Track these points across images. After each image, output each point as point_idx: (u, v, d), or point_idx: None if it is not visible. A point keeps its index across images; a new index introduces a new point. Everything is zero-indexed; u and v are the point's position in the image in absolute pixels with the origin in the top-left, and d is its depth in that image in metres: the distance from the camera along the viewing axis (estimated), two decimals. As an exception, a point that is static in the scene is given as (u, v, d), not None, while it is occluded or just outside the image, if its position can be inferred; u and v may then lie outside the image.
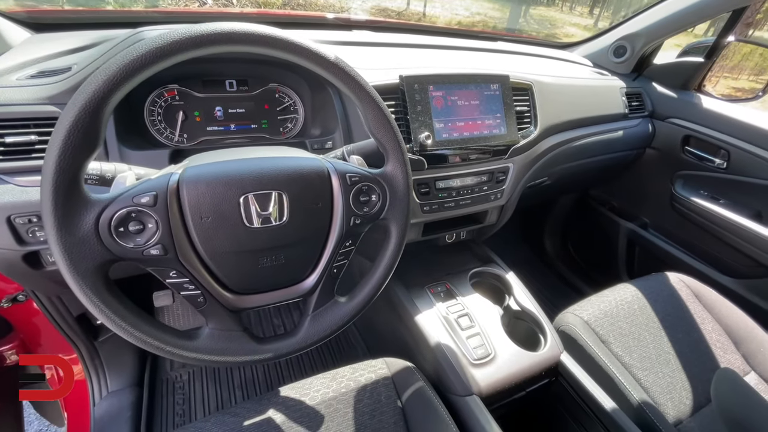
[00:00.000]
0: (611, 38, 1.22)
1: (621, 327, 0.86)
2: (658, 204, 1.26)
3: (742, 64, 1.32)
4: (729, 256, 1.12)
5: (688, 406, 0.76)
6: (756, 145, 1.02)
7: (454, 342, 0.76)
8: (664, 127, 1.20)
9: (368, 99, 0.47)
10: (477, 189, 0.84)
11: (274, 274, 0.47)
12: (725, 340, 0.89)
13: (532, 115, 0.89)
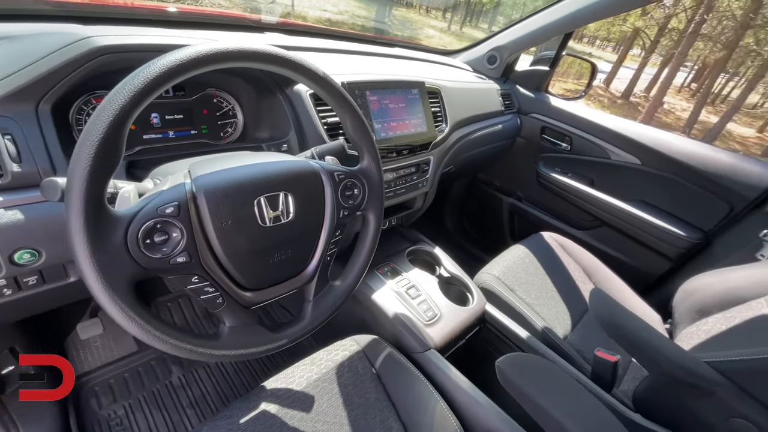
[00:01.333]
0: (485, 48, 1.49)
1: (520, 277, 1.12)
2: (528, 181, 1.61)
3: (568, 70, 1.79)
4: (577, 214, 1.51)
5: (570, 323, 1.05)
6: (587, 132, 1.41)
7: (407, 310, 0.90)
8: (528, 121, 1.53)
9: (348, 107, 0.56)
10: (408, 179, 0.98)
11: (284, 267, 0.52)
12: (584, 275, 1.23)
13: (443, 114, 1.08)
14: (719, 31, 12.56)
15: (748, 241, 1.12)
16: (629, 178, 1.35)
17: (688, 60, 16.51)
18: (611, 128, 1.36)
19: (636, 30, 14.64)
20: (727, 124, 12.06)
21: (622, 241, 1.41)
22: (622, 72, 16.62)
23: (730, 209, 1.18)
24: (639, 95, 15.86)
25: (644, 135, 1.31)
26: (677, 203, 1.28)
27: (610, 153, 1.38)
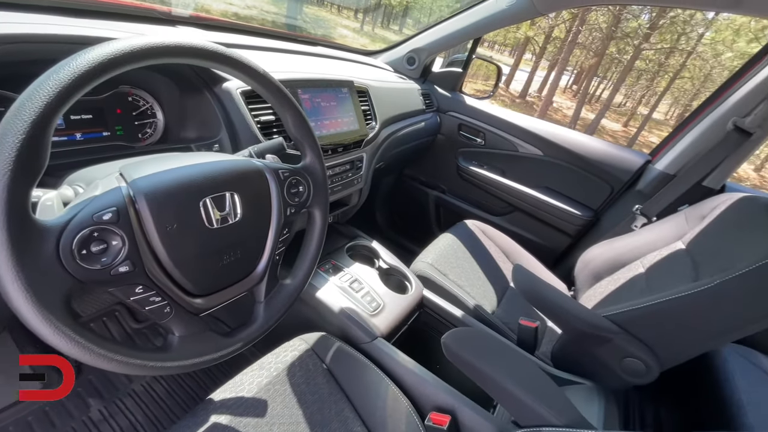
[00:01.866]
0: (404, 50, 1.57)
1: (451, 262, 1.21)
2: (450, 174, 1.74)
3: (477, 72, 1.98)
4: (494, 202, 1.68)
5: (496, 299, 1.17)
6: (498, 128, 1.57)
7: (352, 303, 0.92)
8: (446, 119, 1.65)
9: (290, 105, 0.56)
10: (344, 176, 1.00)
11: (234, 269, 0.51)
12: (503, 256, 1.38)
13: (372, 112, 1.11)
14: (591, 41, 14.71)
15: (625, 216, 1.36)
16: (534, 167, 1.55)
17: (569, 65, 19.00)
18: (517, 124, 1.54)
19: (527, 38, 16.43)
20: (601, 120, 14.23)
21: (531, 222, 1.60)
22: (518, 74, 18.54)
23: (612, 190, 1.42)
24: (533, 95, 17.87)
25: (544, 130, 1.51)
26: (573, 187, 1.50)
27: (517, 146, 1.56)
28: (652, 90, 18.33)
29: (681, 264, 0.94)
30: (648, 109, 17.92)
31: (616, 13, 11.78)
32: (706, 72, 14.84)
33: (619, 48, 14.32)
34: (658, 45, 13.21)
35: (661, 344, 0.81)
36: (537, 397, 0.61)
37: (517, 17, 1.32)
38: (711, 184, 1.25)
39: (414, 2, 20.01)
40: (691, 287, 0.76)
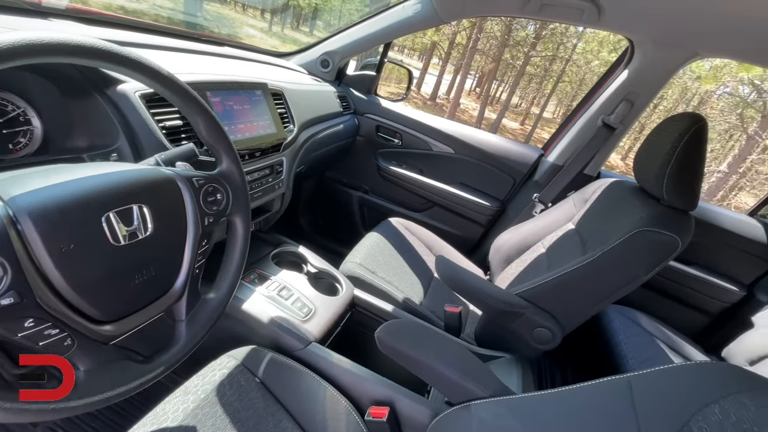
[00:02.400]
0: (317, 53, 1.56)
1: (378, 259, 1.25)
2: (372, 175, 1.78)
3: (390, 76, 2.04)
4: (414, 199, 1.76)
5: (422, 290, 1.24)
6: (413, 129, 1.65)
7: (282, 311, 0.90)
8: (364, 121, 1.69)
9: (200, 109, 0.53)
10: (264, 182, 0.97)
11: (147, 288, 0.47)
12: (426, 249, 1.46)
13: (290, 115, 1.09)
14: (488, 48, 16.17)
15: (527, 204, 1.54)
16: (448, 164, 1.66)
17: (472, 69, 20.64)
18: (430, 125, 1.64)
19: (433, 43, 17.45)
20: (502, 119, 15.72)
21: (449, 216, 1.71)
22: (428, 78, 19.61)
23: (514, 181, 1.59)
24: (442, 98, 19.05)
25: (454, 130, 1.62)
26: (482, 181, 1.64)
27: (431, 146, 1.65)
28: (541, 92, 20.82)
29: (572, 242, 1.10)
30: (539, 109, 20.29)
31: (507, 23, 13.11)
32: (581, 77, 17.31)
33: (513, 54, 15.96)
34: (542, 53, 15.04)
35: (562, 312, 0.94)
36: (465, 375, 0.67)
37: (422, 24, 1.40)
38: (590, 171, 1.47)
39: (323, 4, 19.90)
40: (580, 261, 0.90)
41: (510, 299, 0.96)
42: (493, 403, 0.62)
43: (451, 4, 1.27)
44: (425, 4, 1.32)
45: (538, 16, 1.22)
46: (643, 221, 0.86)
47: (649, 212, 0.89)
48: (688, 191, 0.88)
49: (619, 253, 0.86)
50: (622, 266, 0.87)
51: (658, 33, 1.17)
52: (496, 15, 1.43)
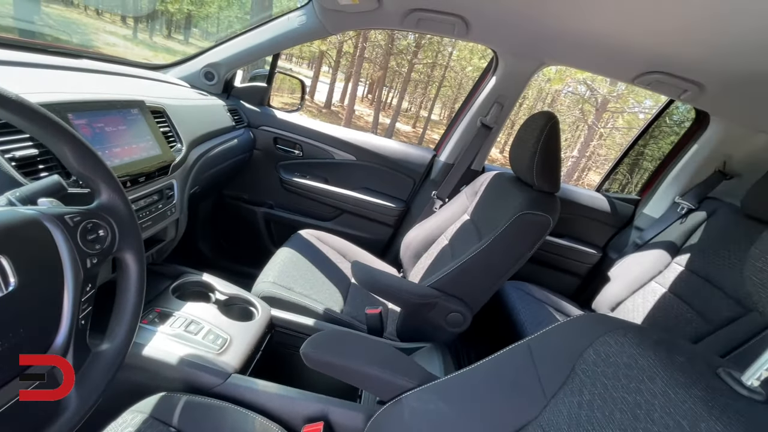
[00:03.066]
0: (199, 65, 1.46)
1: (293, 275, 1.22)
2: (275, 188, 1.73)
3: (282, 86, 1.98)
4: (322, 209, 1.76)
5: (341, 298, 1.25)
6: (312, 139, 1.65)
7: (193, 348, 0.82)
8: (260, 134, 1.63)
9: (64, 134, 0.46)
10: (153, 209, 0.87)
11: (17, 353, 0.39)
12: (340, 257, 1.47)
13: (175, 133, 1.00)
14: (375, 56, 16.88)
15: (428, 201, 1.66)
16: (351, 171, 1.70)
17: (362, 77, 21.30)
18: (330, 134, 1.65)
19: (322, 52, 17.54)
20: (395, 124, 16.55)
21: (358, 221, 1.75)
22: (320, 86, 19.62)
23: (414, 182, 1.70)
24: (337, 105, 19.26)
25: (353, 137, 1.67)
26: (385, 184, 1.72)
27: (333, 154, 1.67)
28: (426, 96, 22.51)
29: (469, 231, 1.22)
30: (427, 112, 21.90)
31: (390, 33, 13.85)
32: (459, 81, 19.19)
33: (398, 62, 16.93)
34: (423, 60, 16.27)
35: (468, 295, 1.04)
36: (392, 371, 0.70)
37: (309, 36, 1.41)
38: (476, 167, 1.65)
39: (198, 11, 18.42)
40: (476, 247, 1.01)
41: (423, 291, 1.02)
42: (421, 391, 0.66)
43: (336, 17, 1.30)
44: (310, 16, 1.33)
45: (416, 29, 1.33)
46: (522, 206, 1.01)
47: (525, 197, 1.04)
48: (552, 177, 1.05)
49: (507, 236, 0.99)
50: (511, 246, 1.00)
51: (514, 46, 1.38)
52: (378, 28, 1.51)
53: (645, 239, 1.58)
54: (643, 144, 2.10)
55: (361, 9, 1.23)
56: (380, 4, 1.20)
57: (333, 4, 1.21)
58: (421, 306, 1.04)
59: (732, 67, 1.04)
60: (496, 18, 1.19)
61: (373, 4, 1.19)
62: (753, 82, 1.09)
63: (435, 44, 15.52)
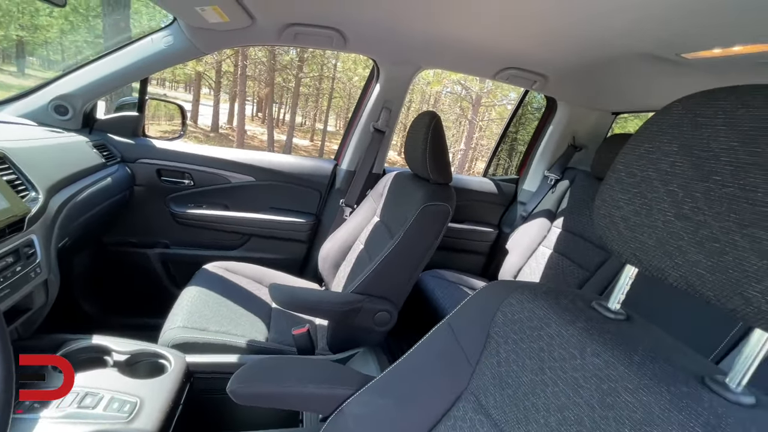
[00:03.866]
0: (45, 98, 1.25)
1: (205, 314, 1.12)
2: (167, 225, 1.56)
3: (157, 113, 1.79)
4: (227, 237, 1.64)
5: (264, 326, 1.18)
6: (203, 165, 1.54)
7: (93, 424, 0.70)
8: (139, 167, 1.46)
9: None
10: (9, 274, 0.72)
11: None
12: (255, 284, 1.39)
13: (25, 180, 0.84)
14: (258, 73, 16.35)
15: (337, 211, 1.67)
16: (253, 193, 1.62)
17: (248, 95, 20.43)
18: (222, 157, 1.56)
19: (198, 73, 16.35)
20: (292, 139, 16.24)
21: (269, 243, 1.68)
22: (203, 109, 18.26)
23: (320, 194, 1.70)
24: (225, 127, 18.12)
25: (248, 157, 1.60)
26: (292, 200, 1.68)
27: (229, 178, 1.58)
28: (319, 109, 22.58)
29: (381, 231, 1.27)
30: (323, 125, 21.97)
31: (270, 48, 13.56)
32: (348, 92, 19.68)
33: (284, 78, 16.66)
34: (310, 74, 16.30)
35: (390, 292, 1.08)
36: (328, 384, 0.69)
37: (179, 57, 1.32)
38: (377, 170, 1.72)
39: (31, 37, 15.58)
40: (390, 245, 1.05)
41: (347, 298, 1.03)
42: (359, 395, 0.67)
43: (207, 36, 1.24)
44: (178, 36, 1.25)
45: (294, 43, 1.33)
46: (423, 199, 1.08)
47: (425, 191, 1.12)
48: (443, 169, 1.15)
49: (415, 229, 1.06)
50: (420, 238, 1.07)
51: (391, 54, 1.47)
52: (255, 45, 1.48)
53: (528, 211, 1.82)
54: (514, 131, 2.42)
55: (233, 26, 1.20)
56: (254, 21, 1.18)
57: (202, 23, 1.15)
58: (347, 313, 1.05)
59: (563, 60, 1.28)
60: (370, 30, 1.27)
61: (245, 21, 1.17)
62: (580, 71, 1.34)
63: (319, 57, 15.68)
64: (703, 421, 0.35)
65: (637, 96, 1.51)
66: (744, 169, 0.33)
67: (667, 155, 0.39)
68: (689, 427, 0.35)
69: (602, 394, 0.42)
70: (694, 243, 0.36)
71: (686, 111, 0.39)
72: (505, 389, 0.53)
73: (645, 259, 0.41)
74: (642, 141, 0.42)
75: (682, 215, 0.37)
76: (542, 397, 0.48)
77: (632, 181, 0.42)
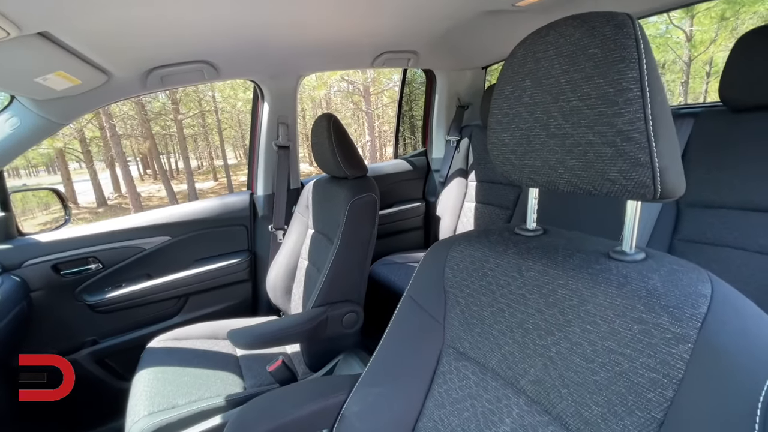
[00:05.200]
0: None
1: (168, 391, 1.04)
2: (88, 319, 1.38)
3: (29, 206, 1.54)
4: (162, 307, 1.51)
5: (237, 377, 1.13)
6: (110, 242, 1.39)
7: None
8: (28, 271, 1.26)
9: None
10: None
11: None
12: (210, 340, 1.31)
13: None
14: (131, 129, 14.85)
15: (269, 237, 1.63)
16: (174, 252, 1.51)
17: (128, 156, 18.49)
18: (125, 227, 1.42)
19: (59, 150, 14.34)
20: (194, 185, 15.12)
21: (209, 296, 1.58)
22: (78, 186, 16.12)
23: (246, 228, 1.64)
24: (113, 197, 16.24)
25: (157, 217, 1.48)
26: (219, 244, 1.59)
27: (143, 246, 1.45)
28: (212, 145, 21.26)
29: (320, 241, 1.28)
30: (221, 161, 20.78)
31: (136, 100, 12.38)
32: (237, 119, 18.81)
33: (162, 125, 15.37)
34: (189, 113, 15.24)
35: (349, 292, 1.11)
36: (322, 397, 0.70)
37: (33, 138, 1.16)
38: (294, 185, 1.71)
39: None
40: (332, 250, 1.07)
41: (310, 315, 1.03)
42: (354, 394, 0.69)
43: (61, 105, 1.11)
44: (24, 114, 1.10)
45: (162, 86, 1.26)
46: (348, 196, 1.12)
47: (347, 189, 1.15)
48: (356, 163, 1.19)
49: (350, 227, 1.09)
50: (358, 233, 1.11)
51: (268, 70, 1.46)
52: (120, 100, 1.36)
53: (444, 176, 1.96)
54: (408, 109, 2.56)
55: (88, 88, 1.09)
56: (110, 77, 1.09)
57: (49, 94, 1.03)
58: (315, 329, 1.05)
59: (427, 33, 1.39)
60: (240, 53, 1.24)
61: (101, 79, 1.07)
62: (444, 40, 1.47)
63: (192, 93, 14.71)
64: (616, 283, 0.43)
65: (497, 47, 1.70)
66: (578, 84, 0.41)
67: (525, 90, 0.47)
68: (608, 293, 0.43)
69: (545, 297, 0.50)
70: (565, 152, 0.44)
71: (526, 51, 0.47)
72: (473, 329, 0.59)
73: (538, 178, 0.49)
74: (504, 85, 0.50)
75: (551, 134, 0.45)
76: (503, 322, 0.55)
77: (507, 120, 0.50)
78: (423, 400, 0.64)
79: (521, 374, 0.52)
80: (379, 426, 0.65)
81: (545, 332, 0.49)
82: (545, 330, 0.49)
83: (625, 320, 0.41)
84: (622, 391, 0.40)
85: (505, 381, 0.54)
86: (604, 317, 0.43)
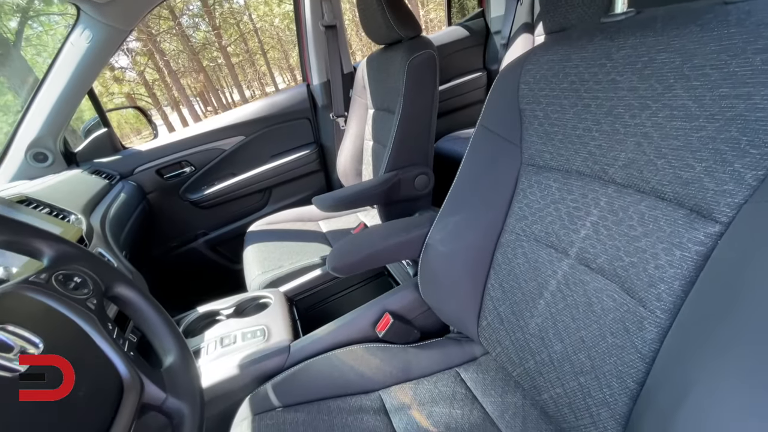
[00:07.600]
0: (20, 152, 1.23)
1: (273, 257, 1.20)
2: (195, 215, 1.62)
3: (122, 129, 1.75)
4: (251, 200, 1.69)
5: (329, 248, 1.27)
6: (193, 147, 1.54)
7: (241, 353, 0.81)
8: (140, 177, 1.47)
9: None
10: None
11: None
12: (298, 222, 1.46)
13: (59, 210, 0.89)
14: (184, 66, 15.23)
15: (332, 126, 1.66)
16: (250, 150, 1.63)
17: (188, 94, 19.29)
18: (205, 131, 1.55)
19: (128, 95, 15.40)
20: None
21: (289, 187, 1.72)
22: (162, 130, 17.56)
23: (309, 120, 1.68)
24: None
25: (228, 120, 1.58)
26: (288, 138, 1.67)
27: (223, 147, 1.58)
28: (259, 72, 21.17)
29: (381, 117, 1.27)
30: (272, 87, 20.77)
31: (179, 34, 12.44)
32: (277, 37, 18.17)
33: (211, 57, 15.49)
34: (232, 39, 15.03)
35: (417, 156, 1.12)
36: (405, 232, 0.77)
37: (109, 48, 1.24)
38: (347, 69, 1.66)
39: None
40: (396, 119, 1.06)
41: (382, 179, 1.08)
42: (436, 224, 0.74)
43: (121, 7, 1.15)
44: (94, 26, 1.16)
45: None
46: (405, 57, 1.06)
47: (403, 50, 1.09)
48: (409, 20, 1.10)
49: (412, 89, 1.05)
50: (421, 94, 1.07)
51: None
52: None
53: (506, 36, 1.74)
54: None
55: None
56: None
57: (106, -5, 1.07)
58: (389, 192, 1.10)
59: None
60: None
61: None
62: None
63: (229, 18, 14.32)
64: (734, 21, 0.37)
65: None
66: None
67: None
68: (723, 35, 0.38)
69: (639, 71, 0.45)
70: None
71: None
72: (554, 138, 0.57)
73: None
74: None
75: None
76: (589, 118, 0.52)
77: None
78: (503, 218, 0.66)
79: (609, 164, 0.50)
80: (461, 247, 0.70)
81: (639, 109, 0.45)
82: (639, 107, 0.45)
83: (745, 56, 0.36)
84: (734, 135, 0.37)
85: (591, 177, 0.53)
86: (716, 64, 0.38)
